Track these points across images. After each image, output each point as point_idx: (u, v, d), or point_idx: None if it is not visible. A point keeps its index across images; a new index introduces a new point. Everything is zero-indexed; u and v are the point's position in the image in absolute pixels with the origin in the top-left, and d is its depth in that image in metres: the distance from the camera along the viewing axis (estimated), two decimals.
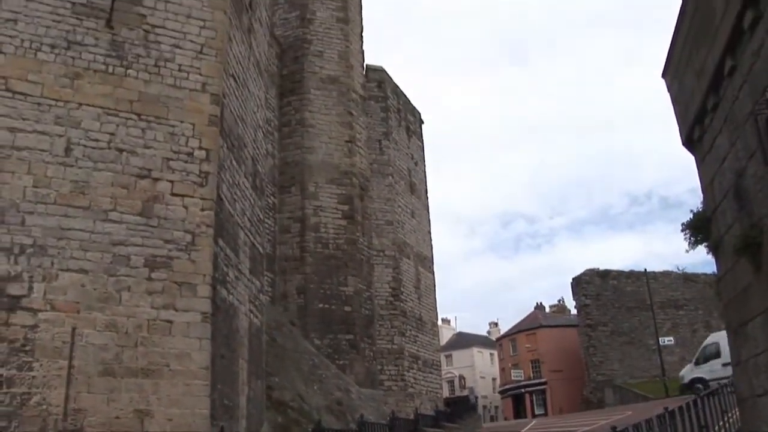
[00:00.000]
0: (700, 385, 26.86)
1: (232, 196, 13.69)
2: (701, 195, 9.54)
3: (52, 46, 11.83)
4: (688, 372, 30.00)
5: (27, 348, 10.07)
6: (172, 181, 11.99)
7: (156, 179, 11.88)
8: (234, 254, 13.56)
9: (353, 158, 29.21)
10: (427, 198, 41.95)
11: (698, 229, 9.36)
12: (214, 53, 13.24)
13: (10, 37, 11.54)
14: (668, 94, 10.35)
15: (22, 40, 11.61)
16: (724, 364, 25.48)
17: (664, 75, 10.40)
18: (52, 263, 10.65)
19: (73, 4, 12.23)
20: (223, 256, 12.73)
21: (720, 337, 27.65)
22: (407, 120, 40.11)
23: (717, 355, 27.49)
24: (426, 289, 38.36)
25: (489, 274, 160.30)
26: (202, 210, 12.06)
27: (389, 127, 36.70)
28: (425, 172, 42.44)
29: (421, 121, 43.00)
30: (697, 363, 29.30)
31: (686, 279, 47.69)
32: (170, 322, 11.16)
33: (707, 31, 7.71)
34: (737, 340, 8.47)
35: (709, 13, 7.57)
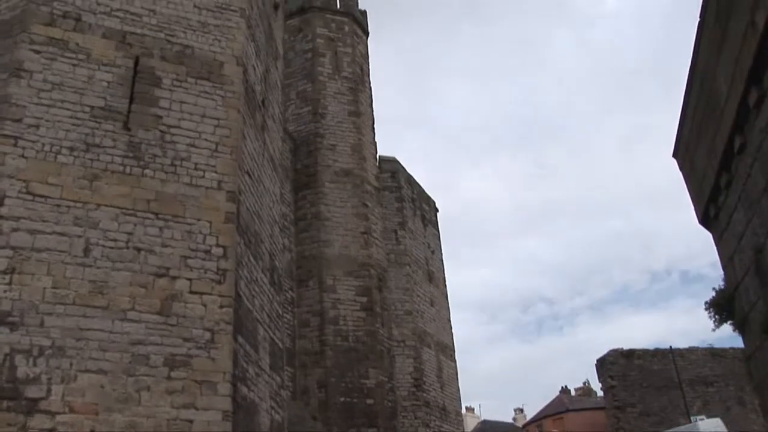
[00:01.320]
0: None
1: (250, 292, 13.69)
2: (722, 271, 9.47)
3: (72, 149, 12.10)
4: None
5: None
6: (190, 279, 12.03)
7: (174, 277, 11.93)
8: (254, 350, 13.47)
9: (370, 250, 29.25)
10: (446, 286, 41.71)
11: (722, 307, 9.25)
12: (229, 151, 13.46)
13: (32, 141, 11.84)
14: (680, 173, 10.39)
15: (43, 144, 11.90)
16: None
17: (675, 155, 10.45)
18: (71, 364, 10.61)
19: (92, 108, 12.57)
20: (243, 353, 12.64)
21: None
22: (422, 209, 40.27)
23: None
24: (448, 378, 37.77)
25: (512, 359, 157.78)
26: (221, 307, 12.05)
27: (404, 216, 36.81)
28: (442, 260, 42.33)
29: (436, 210, 43.17)
30: None
31: (714, 354, 46.72)
32: (191, 421, 11.00)
33: (714, 110, 7.78)
34: None
35: (714, 92, 7.66)
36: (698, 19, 7.82)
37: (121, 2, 13.82)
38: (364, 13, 35.21)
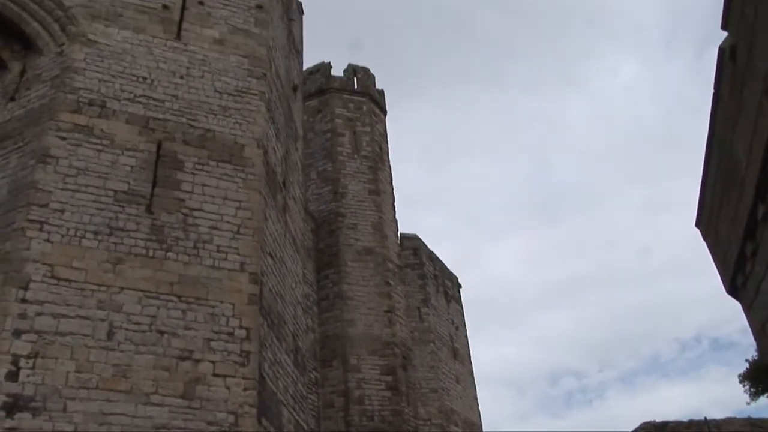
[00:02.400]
0: None
1: (274, 374, 13.57)
2: (754, 342, 9.29)
3: (96, 233, 12.22)
4: None
5: None
6: (213, 362, 11.94)
7: (197, 360, 11.85)
8: None
9: (393, 328, 29.02)
10: (471, 362, 41.18)
11: (757, 379, 9.05)
12: (251, 233, 13.53)
13: (57, 226, 11.99)
14: (704, 242, 10.31)
15: (68, 229, 12.04)
16: None
17: (697, 224, 10.39)
18: None
19: (115, 192, 12.74)
20: None
21: None
22: (445, 285, 40.06)
23: None
24: None
25: None
26: (245, 390, 11.93)
27: (427, 294, 36.60)
28: (467, 336, 41.89)
29: (459, 286, 42.93)
30: None
31: (753, 425, 45.22)
32: None
33: (734, 179, 7.76)
34: None
35: (733, 162, 7.65)
36: (713, 90, 7.88)
37: (144, 89, 14.15)
38: (381, 93, 35.77)
